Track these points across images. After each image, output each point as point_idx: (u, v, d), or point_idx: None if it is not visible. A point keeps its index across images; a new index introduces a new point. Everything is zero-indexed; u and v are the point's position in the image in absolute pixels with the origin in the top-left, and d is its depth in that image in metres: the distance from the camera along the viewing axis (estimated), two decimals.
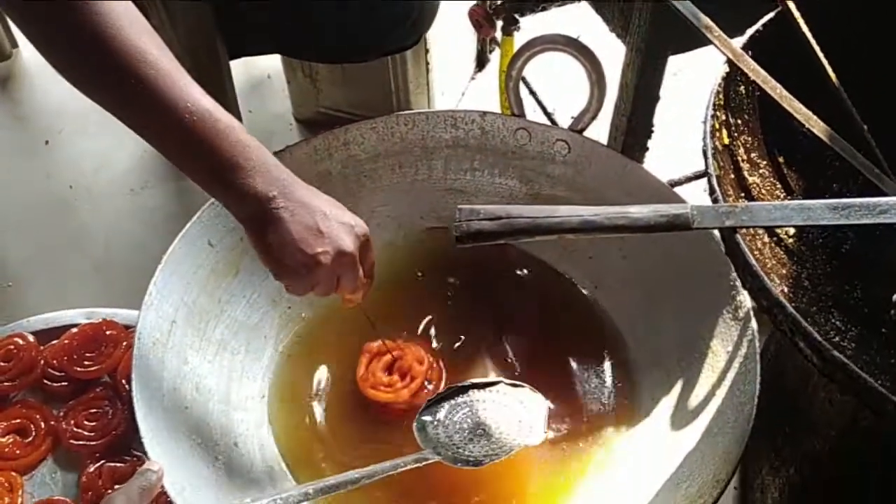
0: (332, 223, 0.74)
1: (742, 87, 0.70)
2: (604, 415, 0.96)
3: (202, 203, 0.95)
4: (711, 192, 0.59)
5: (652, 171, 0.98)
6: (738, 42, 0.72)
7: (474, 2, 1.10)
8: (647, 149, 1.07)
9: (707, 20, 0.70)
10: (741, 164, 0.70)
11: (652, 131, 1.04)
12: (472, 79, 1.51)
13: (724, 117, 0.67)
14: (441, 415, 0.83)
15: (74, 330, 1.08)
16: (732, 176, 0.68)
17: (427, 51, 1.22)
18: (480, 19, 1.03)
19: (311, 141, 1.03)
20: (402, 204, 1.11)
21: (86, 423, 1.01)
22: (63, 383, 1.05)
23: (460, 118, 1.06)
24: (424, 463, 0.78)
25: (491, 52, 1.53)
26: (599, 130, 1.08)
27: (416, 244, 1.11)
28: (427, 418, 0.83)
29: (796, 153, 0.74)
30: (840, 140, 0.67)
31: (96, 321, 1.09)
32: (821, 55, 0.70)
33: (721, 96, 0.66)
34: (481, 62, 1.53)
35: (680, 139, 1.25)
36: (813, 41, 0.70)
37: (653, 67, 0.96)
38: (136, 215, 1.35)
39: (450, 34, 1.16)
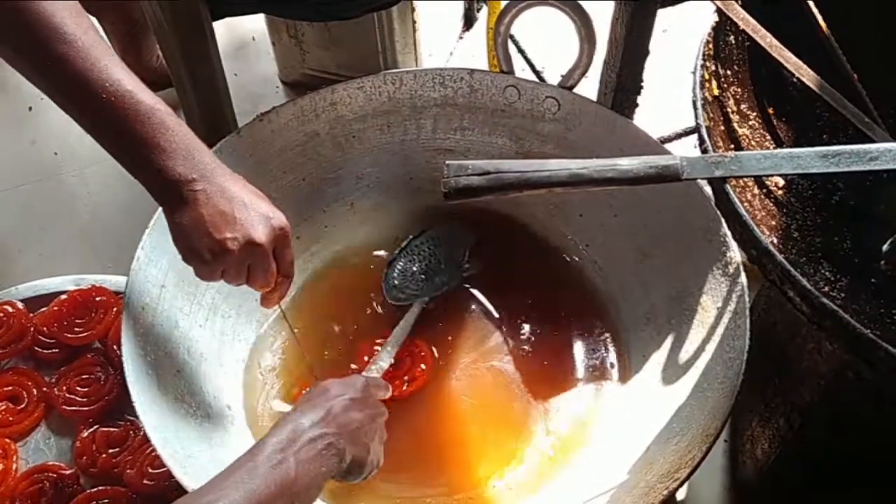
0: (249, 212, 0.73)
1: (732, 38, 0.69)
2: (596, 372, 0.97)
3: None
4: (701, 142, 0.58)
5: (642, 128, 0.97)
6: None
7: None
8: (637, 105, 1.05)
9: None
10: (731, 116, 0.69)
11: (642, 87, 1.03)
12: (461, 38, 1.49)
13: (713, 68, 0.66)
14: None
15: (64, 297, 1.07)
16: (722, 127, 0.67)
17: (413, 9, 1.20)
18: None
19: (298, 102, 1.02)
20: (392, 164, 1.10)
21: (78, 388, 1.01)
22: (54, 350, 1.05)
23: (449, 76, 1.05)
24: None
25: (479, 10, 1.51)
26: (589, 88, 1.07)
27: (405, 204, 1.11)
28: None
29: (786, 104, 0.74)
30: (830, 89, 0.67)
31: (85, 287, 1.08)
32: (811, 3, 0.69)
33: (711, 46, 0.65)
34: (469, 20, 1.51)
35: (670, 96, 1.24)
36: None
37: (642, 21, 0.94)
38: (122, 180, 1.30)
39: None
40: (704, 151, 0.58)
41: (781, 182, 0.69)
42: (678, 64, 1.11)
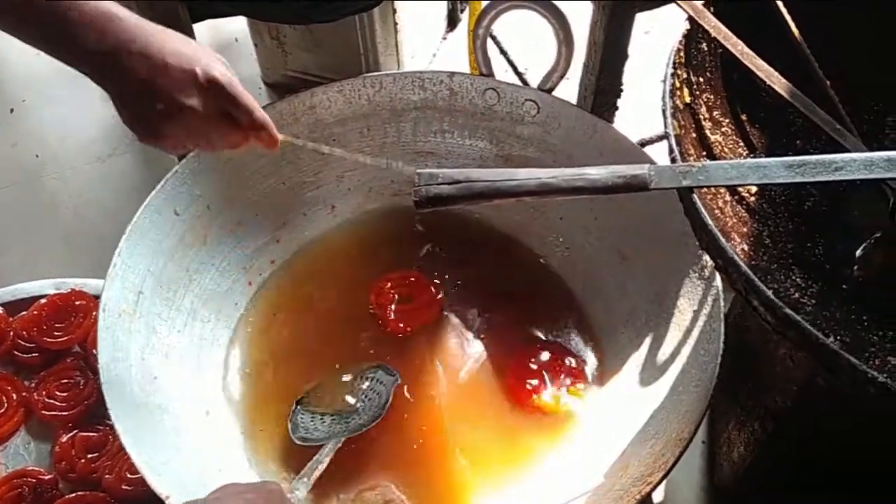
0: (197, 55, 0.68)
1: (704, 45, 0.70)
2: (575, 374, 0.97)
3: (171, 169, 0.94)
4: (670, 151, 0.58)
5: (622, 130, 0.98)
6: None
7: None
8: (617, 108, 1.06)
9: None
10: (703, 123, 0.69)
11: (621, 90, 1.04)
12: (444, 38, 1.49)
13: (685, 76, 0.67)
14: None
15: (44, 300, 1.07)
16: (694, 135, 0.68)
17: (395, 11, 1.20)
18: None
19: (277, 105, 1.02)
20: (372, 168, 1.09)
21: (57, 393, 1.01)
22: (34, 354, 1.05)
23: (428, 79, 1.05)
24: None
25: (462, 10, 1.51)
26: (571, 90, 1.07)
27: (386, 207, 1.11)
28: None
29: (759, 110, 0.74)
30: (801, 96, 0.67)
31: (65, 291, 1.08)
32: (783, 9, 0.69)
33: (682, 54, 0.65)
34: (452, 21, 1.51)
35: (652, 98, 1.24)
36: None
37: (620, 25, 0.95)
38: (104, 183, 1.33)
39: None
40: (674, 161, 0.58)
41: (754, 188, 0.69)
42: (660, 65, 1.11)
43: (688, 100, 0.67)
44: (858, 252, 0.70)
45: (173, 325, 0.94)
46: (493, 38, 1.38)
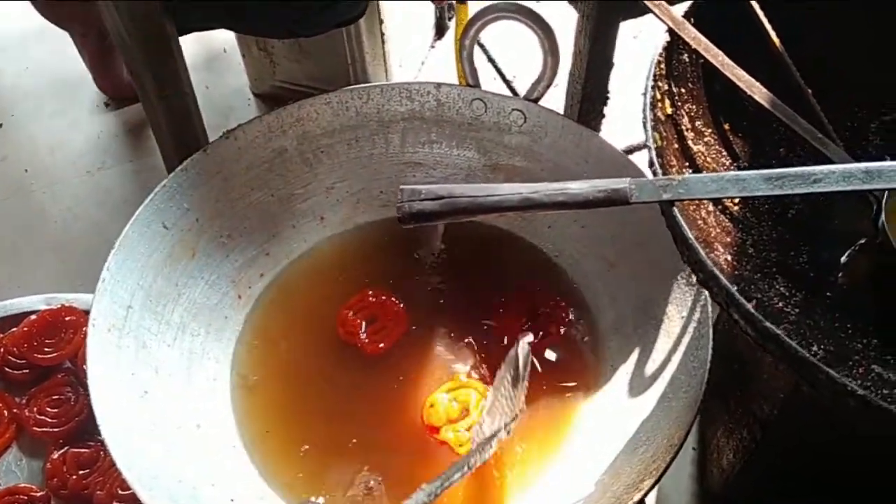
0: None
1: (685, 56, 0.70)
2: (565, 383, 0.97)
3: (160, 183, 0.94)
4: (650, 164, 0.59)
5: (610, 137, 0.98)
6: (683, 7, 0.72)
7: None
8: (604, 115, 1.06)
9: None
10: (685, 133, 0.70)
11: (607, 98, 1.04)
12: (432, 47, 1.49)
13: (666, 87, 0.67)
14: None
15: (34, 316, 1.07)
16: (676, 146, 0.68)
17: (381, 21, 1.20)
18: None
19: (265, 118, 1.02)
20: (361, 179, 1.10)
21: (48, 409, 1.01)
22: (24, 370, 1.05)
23: (415, 90, 1.05)
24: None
25: (450, 18, 1.51)
26: (559, 97, 1.08)
27: (375, 218, 1.11)
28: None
29: (742, 119, 0.74)
30: (782, 106, 0.67)
31: (55, 307, 1.08)
32: (763, 19, 0.70)
33: (662, 66, 0.66)
34: (440, 30, 1.51)
35: (640, 104, 1.25)
36: (756, 5, 0.70)
37: (604, 34, 0.95)
38: (93, 197, 1.32)
39: (407, 2, 1.14)
40: (654, 174, 0.58)
41: (737, 199, 0.69)
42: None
43: (669, 111, 0.67)
44: (843, 259, 0.70)
45: (163, 340, 0.94)
46: (482, 46, 1.39)
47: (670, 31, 0.66)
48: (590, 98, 1.03)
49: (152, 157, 1.17)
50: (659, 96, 0.65)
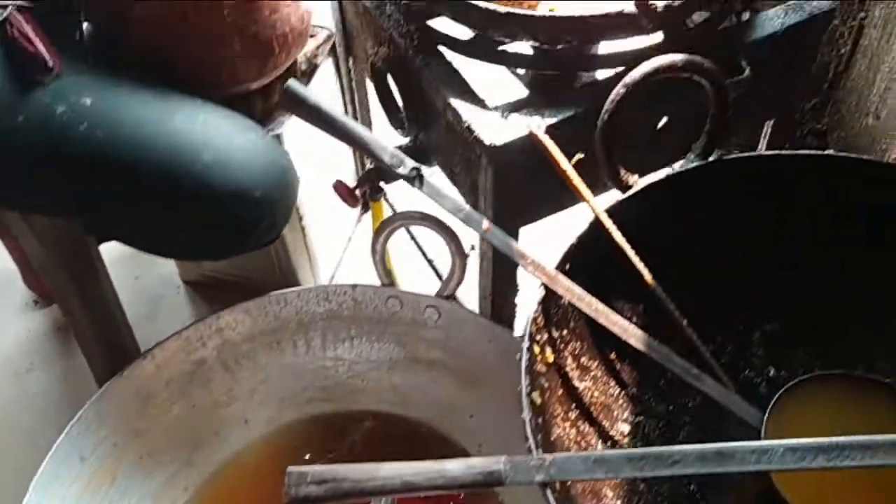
0: None
1: (564, 299, 0.74)
2: None
3: (90, 385, 0.95)
4: (525, 440, 0.61)
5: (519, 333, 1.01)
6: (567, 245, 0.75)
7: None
8: (517, 305, 1.10)
9: (521, 248, 0.74)
10: (570, 374, 0.72)
11: (517, 290, 1.08)
12: (351, 236, 1.52)
13: (546, 336, 0.70)
14: None
15: None
16: (561, 391, 0.71)
17: (301, 217, 1.25)
18: (345, 195, 1.06)
19: (183, 333, 1.04)
20: (284, 379, 1.11)
21: None
22: None
23: (332, 292, 1.08)
24: None
25: (365, 211, 1.54)
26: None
27: (301, 417, 1.12)
28: None
29: (627, 346, 0.77)
30: (656, 347, 0.71)
31: None
32: (635, 259, 0.74)
33: (539, 320, 0.69)
34: (365, 206, 1.55)
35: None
36: (627, 247, 0.74)
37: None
38: (21, 401, 1.31)
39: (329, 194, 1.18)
40: (529, 450, 0.60)
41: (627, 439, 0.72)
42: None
43: (551, 359, 0.70)
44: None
45: None
46: (408, 229, 1.44)
47: (544, 286, 0.69)
48: (501, 292, 1.06)
49: (82, 358, 1.17)
50: (538, 350, 0.68)
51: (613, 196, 0.78)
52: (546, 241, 1.05)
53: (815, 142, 1.58)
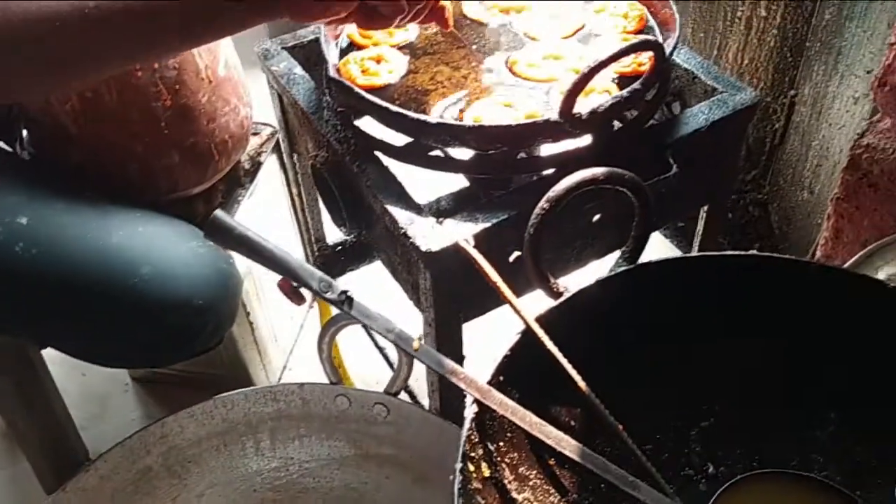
0: None
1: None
2: None
3: (38, 491, 0.92)
4: None
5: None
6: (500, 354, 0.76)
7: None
8: (465, 397, 1.10)
9: (452, 365, 0.75)
10: (508, 486, 0.73)
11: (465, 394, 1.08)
12: (301, 327, 1.52)
13: (481, 451, 0.70)
14: None
15: None
16: None
17: (248, 313, 1.25)
18: (289, 292, 1.07)
19: (126, 443, 1.02)
20: (233, 480, 1.10)
21: None
22: None
23: (279, 391, 1.08)
24: None
25: (311, 306, 1.55)
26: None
27: None
28: None
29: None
30: (592, 456, 0.72)
31: None
32: (567, 367, 0.75)
33: (474, 436, 0.69)
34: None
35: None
36: (559, 355, 0.75)
37: (448, 334, 1.00)
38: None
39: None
40: None
41: None
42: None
43: (487, 473, 0.70)
44: None
45: None
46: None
47: (476, 401, 0.70)
48: (447, 386, 1.07)
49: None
50: (473, 468, 0.69)
51: (546, 302, 0.79)
52: (493, 328, 1.07)
53: (756, 211, 1.63)
